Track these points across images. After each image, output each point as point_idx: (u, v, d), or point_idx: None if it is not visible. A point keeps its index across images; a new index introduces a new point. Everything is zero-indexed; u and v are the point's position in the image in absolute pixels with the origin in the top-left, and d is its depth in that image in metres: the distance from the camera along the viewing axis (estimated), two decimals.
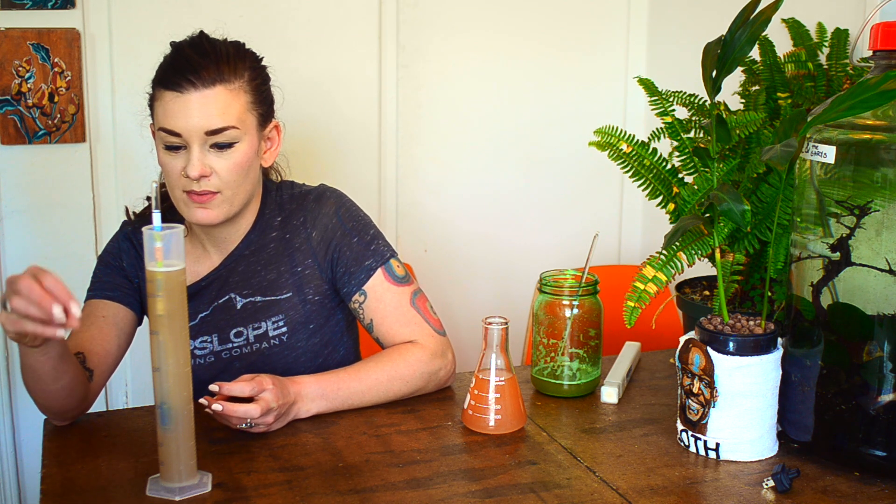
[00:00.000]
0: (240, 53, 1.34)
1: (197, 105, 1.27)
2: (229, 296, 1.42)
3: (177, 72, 1.28)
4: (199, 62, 1.28)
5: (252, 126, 1.33)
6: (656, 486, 1.12)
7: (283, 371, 1.35)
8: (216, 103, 1.28)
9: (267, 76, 1.39)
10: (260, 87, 1.35)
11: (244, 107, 1.31)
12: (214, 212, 1.33)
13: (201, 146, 1.28)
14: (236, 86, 1.30)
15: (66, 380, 1.23)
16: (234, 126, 1.29)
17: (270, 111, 1.39)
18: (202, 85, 1.27)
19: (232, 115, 1.29)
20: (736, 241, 1.38)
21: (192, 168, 1.28)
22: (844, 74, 1.57)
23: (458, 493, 1.09)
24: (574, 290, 1.38)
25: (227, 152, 1.30)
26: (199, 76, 1.27)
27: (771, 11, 1.16)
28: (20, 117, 1.93)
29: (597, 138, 1.40)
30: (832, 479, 1.14)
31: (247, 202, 1.38)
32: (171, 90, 1.28)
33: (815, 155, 1.14)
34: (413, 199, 2.31)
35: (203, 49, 1.30)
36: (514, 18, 2.31)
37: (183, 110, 1.27)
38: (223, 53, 1.31)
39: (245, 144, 1.32)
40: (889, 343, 1.11)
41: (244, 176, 1.33)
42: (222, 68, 1.29)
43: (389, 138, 2.25)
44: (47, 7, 1.90)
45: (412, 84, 2.26)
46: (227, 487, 1.10)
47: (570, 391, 1.39)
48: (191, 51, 1.30)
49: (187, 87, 1.27)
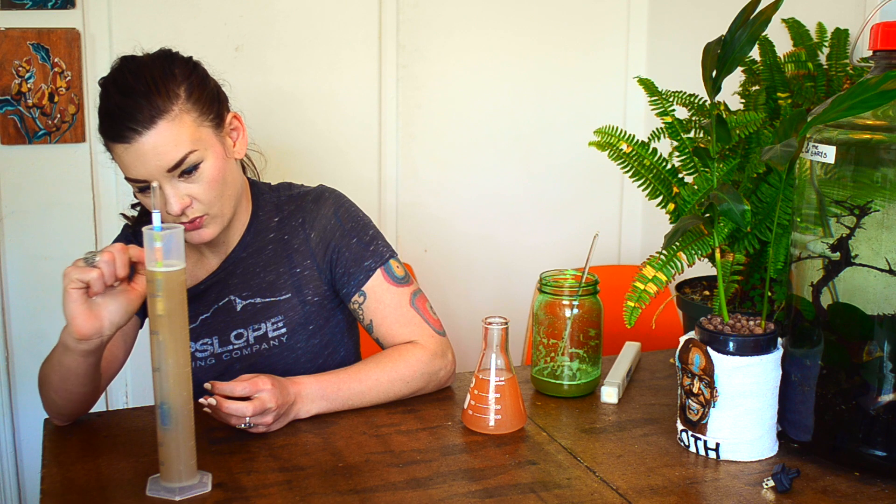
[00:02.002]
0: (165, 73, 1.27)
1: (149, 149, 1.24)
2: (229, 298, 1.42)
3: (115, 123, 1.24)
4: (131, 105, 1.23)
5: (209, 136, 1.29)
6: (656, 486, 1.12)
7: (283, 372, 1.35)
8: (164, 140, 1.24)
9: (203, 79, 1.32)
10: (201, 98, 1.29)
11: (192, 126, 1.27)
12: (210, 230, 1.32)
13: (170, 181, 1.26)
14: (176, 111, 1.25)
15: (93, 385, 1.25)
16: (190, 151, 1.26)
17: (221, 109, 1.34)
18: (143, 128, 1.23)
19: (184, 141, 1.25)
20: (736, 241, 1.38)
21: (172, 206, 1.27)
22: (844, 74, 1.57)
23: (458, 493, 1.09)
24: (574, 290, 1.38)
25: (196, 175, 1.28)
26: (136, 121, 1.23)
27: (771, 11, 1.16)
28: (20, 117, 1.93)
29: (597, 138, 1.40)
30: (832, 479, 1.14)
31: (235, 207, 1.37)
32: (118, 143, 1.24)
33: (815, 155, 1.14)
34: (413, 199, 2.31)
35: (128, 87, 1.25)
36: (514, 18, 2.31)
37: (138, 159, 1.24)
38: (149, 83, 1.25)
39: (210, 159, 1.29)
40: (889, 343, 1.11)
41: (223, 187, 1.31)
42: (154, 101, 1.24)
43: (389, 138, 2.25)
44: (47, 7, 1.90)
45: (412, 84, 2.26)
46: (227, 487, 1.10)
47: (570, 391, 1.39)
48: (118, 95, 1.25)
49: (132, 136, 1.23)
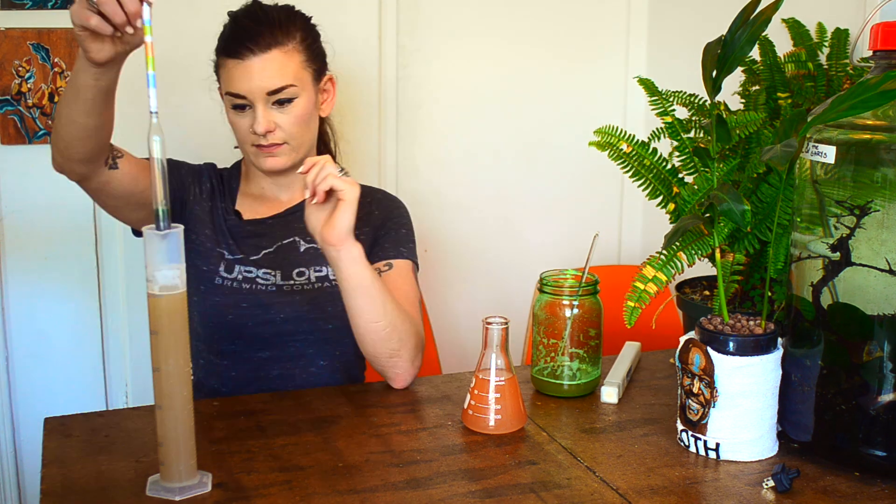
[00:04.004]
0: (290, 17, 1.46)
1: (257, 69, 1.41)
2: (293, 238, 1.54)
3: (236, 41, 1.41)
4: (255, 30, 1.41)
5: (308, 81, 1.47)
6: (656, 486, 1.12)
7: (340, 311, 1.42)
8: (273, 65, 1.42)
9: (317, 34, 1.52)
10: (311, 46, 1.49)
11: (299, 65, 1.45)
12: (282, 159, 1.48)
13: (265, 104, 1.43)
14: (290, 47, 1.44)
15: (96, 119, 1.28)
16: (291, 84, 1.44)
17: (323, 66, 1.53)
18: (259, 51, 1.41)
19: (288, 74, 1.43)
20: (736, 241, 1.38)
21: (259, 125, 1.43)
22: (844, 74, 1.57)
23: (458, 493, 1.09)
24: (574, 290, 1.38)
25: (288, 107, 1.45)
26: (256, 43, 1.41)
27: (771, 11, 1.16)
28: (20, 117, 1.92)
29: (597, 138, 1.40)
30: (832, 479, 1.14)
31: (309, 151, 1.52)
32: (232, 58, 1.42)
33: (815, 155, 1.14)
34: (413, 199, 2.31)
35: (257, 17, 1.43)
36: (514, 18, 2.31)
37: (245, 75, 1.41)
38: (275, 19, 1.43)
39: (303, 99, 1.46)
40: (889, 343, 1.11)
41: (305, 126, 1.48)
42: (276, 33, 1.42)
43: (389, 138, 2.25)
44: (47, 7, 1.90)
45: (412, 84, 2.26)
46: (227, 487, 1.10)
47: (570, 391, 1.39)
48: (246, 20, 1.43)
49: (246, 55, 1.41)
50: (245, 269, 1.51)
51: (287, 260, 1.53)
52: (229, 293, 1.49)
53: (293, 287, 1.51)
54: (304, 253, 1.54)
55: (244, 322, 1.49)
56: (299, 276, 1.52)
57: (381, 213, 1.59)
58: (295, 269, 1.52)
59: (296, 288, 1.51)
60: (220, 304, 1.49)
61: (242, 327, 1.49)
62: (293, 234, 1.55)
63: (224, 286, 1.50)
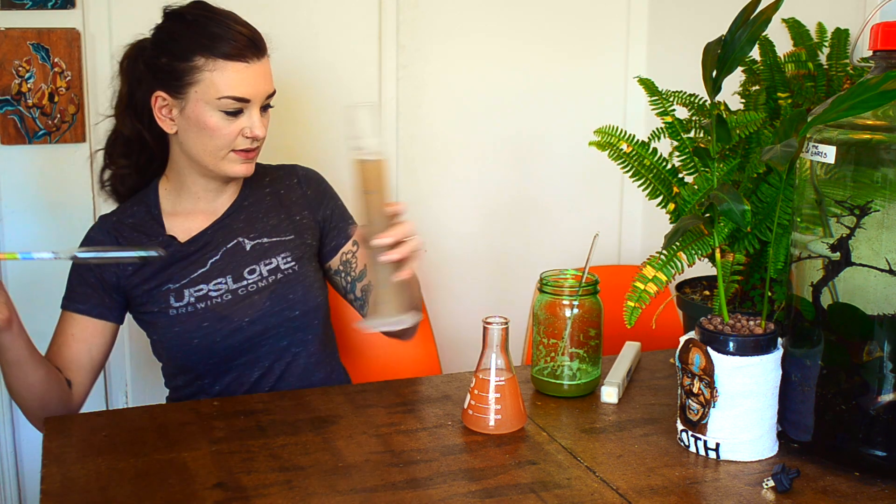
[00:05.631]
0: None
1: (261, 73, 1.44)
2: (237, 240, 1.53)
3: (238, 44, 1.41)
4: (254, 34, 1.44)
5: None
6: (656, 486, 1.12)
7: (301, 296, 1.50)
8: (268, 70, 1.46)
9: None
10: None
11: None
12: (253, 164, 1.49)
13: (257, 109, 1.44)
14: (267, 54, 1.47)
15: (43, 370, 1.38)
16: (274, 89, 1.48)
17: None
18: (261, 54, 1.44)
19: (272, 79, 1.48)
20: (736, 241, 1.38)
21: (259, 129, 1.44)
22: (844, 74, 1.57)
23: (458, 493, 1.09)
24: (574, 290, 1.38)
25: (266, 113, 1.48)
26: (257, 48, 1.43)
27: (771, 11, 1.16)
28: (20, 117, 1.92)
29: (597, 138, 1.40)
30: (832, 479, 1.14)
31: None
32: (236, 61, 1.41)
33: (815, 155, 1.14)
34: (413, 198, 2.31)
35: (241, 21, 1.45)
36: (514, 18, 2.31)
37: (251, 78, 1.42)
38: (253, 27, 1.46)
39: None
40: (889, 343, 1.11)
41: None
42: (262, 39, 1.46)
43: (389, 138, 2.25)
44: (47, 7, 1.90)
45: (412, 84, 2.26)
46: (227, 487, 1.10)
47: (570, 391, 1.39)
48: (237, 24, 1.43)
49: (251, 58, 1.42)
50: (194, 290, 1.48)
51: (235, 261, 1.51)
52: (187, 319, 1.47)
53: (248, 288, 1.50)
54: (250, 251, 1.52)
55: (212, 339, 1.47)
56: (251, 273, 1.51)
57: (313, 192, 1.61)
58: (245, 269, 1.51)
59: (251, 288, 1.50)
60: (182, 332, 1.47)
61: (212, 345, 1.47)
62: (236, 236, 1.53)
63: (180, 315, 1.47)
